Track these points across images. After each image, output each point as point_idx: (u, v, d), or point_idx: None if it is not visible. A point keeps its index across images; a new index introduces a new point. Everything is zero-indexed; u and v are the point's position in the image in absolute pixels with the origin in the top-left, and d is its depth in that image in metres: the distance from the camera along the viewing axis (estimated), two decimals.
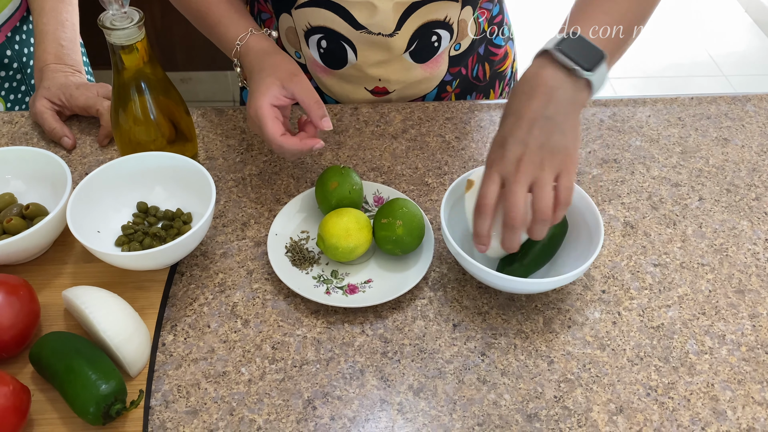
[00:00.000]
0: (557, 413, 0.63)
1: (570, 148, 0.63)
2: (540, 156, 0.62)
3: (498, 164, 0.63)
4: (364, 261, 0.75)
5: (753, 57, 2.88)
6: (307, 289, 0.71)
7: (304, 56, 0.94)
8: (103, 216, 0.75)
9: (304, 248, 0.75)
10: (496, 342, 0.68)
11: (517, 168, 0.62)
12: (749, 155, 0.89)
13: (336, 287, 0.72)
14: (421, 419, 0.62)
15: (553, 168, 0.62)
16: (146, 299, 0.70)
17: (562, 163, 0.63)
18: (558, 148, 0.62)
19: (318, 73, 0.95)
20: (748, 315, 0.71)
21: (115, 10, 0.70)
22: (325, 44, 0.89)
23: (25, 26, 1.02)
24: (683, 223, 0.80)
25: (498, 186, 0.63)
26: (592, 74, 0.63)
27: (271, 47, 0.79)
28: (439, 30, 0.88)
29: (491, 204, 0.63)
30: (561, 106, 0.63)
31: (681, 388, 0.65)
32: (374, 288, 0.72)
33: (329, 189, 0.75)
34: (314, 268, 0.74)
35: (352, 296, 0.71)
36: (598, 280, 0.74)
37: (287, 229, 0.77)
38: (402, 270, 0.73)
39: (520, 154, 0.62)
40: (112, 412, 0.58)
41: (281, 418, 0.62)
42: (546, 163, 0.62)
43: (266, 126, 0.72)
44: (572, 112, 0.64)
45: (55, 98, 0.88)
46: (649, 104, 0.97)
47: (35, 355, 0.62)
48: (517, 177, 0.62)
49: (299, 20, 0.88)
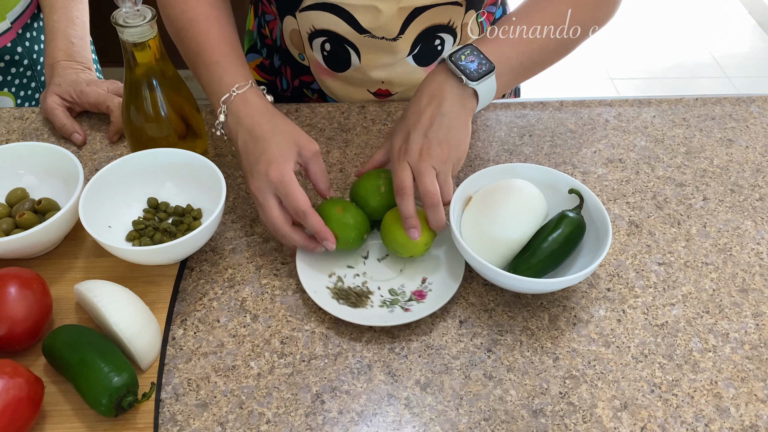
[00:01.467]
0: (562, 409, 0.63)
1: (464, 143, 0.72)
2: (440, 148, 0.70)
3: (405, 154, 0.71)
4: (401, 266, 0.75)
5: (756, 58, 2.89)
6: (379, 316, 0.69)
7: (308, 58, 0.95)
8: (115, 211, 0.75)
9: (354, 289, 0.72)
10: (502, 338, 0.69)
11: (421, 157, 0.70)
12: (753, 156, 0.90)
13: (394, 305, 0.71)
14: (428, 414, 0.63)
15: (451, 160, 0.71)
16: (157, 294, 0.71)
17: (459, 158, 0.72)
18: (456, 143, 0.71)
19: (321, 75, 0.96)
20: (751, 314, 0.72)
21: (128, 8, 0.71)
22: (329, 47, 0.90)
23: (35, 23, 1.03)
24: (687, 223, 0.81)
25: (410, 172, 0.70)
26: (477, 84, 0.71)
27: (273, 108, 0.74)
28: (443, 34, 0.89)
29: (409, 185, 0.70)
30: (454, 108, 0.72)
31: (685, 385, 0.65)
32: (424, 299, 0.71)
33: (336, 214, 0.72)
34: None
35: (407, 312, 0.70)
36: (603, 279, 0.75)
37: (320, 280, 0.73)
38: (435, 273, 0.74)
39: (423, 145, 0.70)
40: (124, 404, 0.59)
41: (290, 411, 0.63)
42: (445, 154, 0.70)
43: (296, 193, 0.68)
44: (463, 114, 0.72)
45: (65, 95, 0.89)
46: (654, 105, 0.98)
47: (48, 347, 0.63)
48: (424, 165, 0.69)
49: (303, 23, 0.89)
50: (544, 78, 2.73)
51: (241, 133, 0.72)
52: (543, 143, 0.91)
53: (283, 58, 1.00)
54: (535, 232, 0.71)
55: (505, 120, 0.95)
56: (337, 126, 0.93)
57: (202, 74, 0.76)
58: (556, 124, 0.94)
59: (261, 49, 1.03)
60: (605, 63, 2.82)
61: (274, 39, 0.99)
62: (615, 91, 2.69)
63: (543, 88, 2.67)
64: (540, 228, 0.72)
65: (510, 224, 0.70)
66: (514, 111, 0.96)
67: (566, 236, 0.71)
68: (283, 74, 1.02)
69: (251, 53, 1.05)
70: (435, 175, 0.69)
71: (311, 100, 1.03)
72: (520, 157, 0.89)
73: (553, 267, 0.71)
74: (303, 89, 1.02)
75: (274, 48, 1.00)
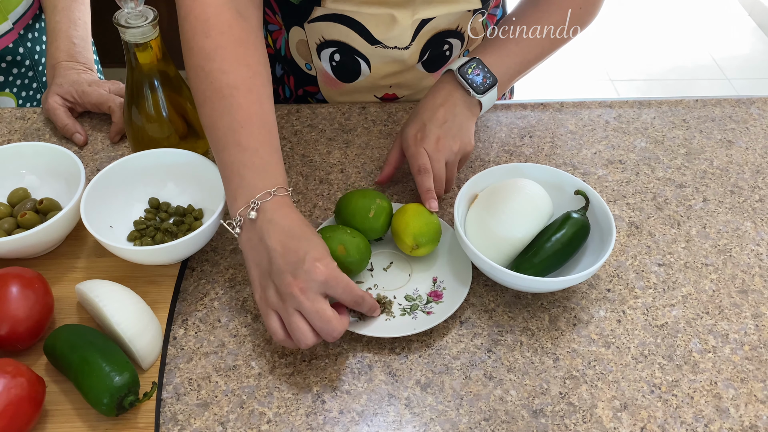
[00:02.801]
0: (562, 409, 0.64)
1: (472, 142, 0.80)
2: (453, 142, 0.77)
3: (422, 141, 0.77)
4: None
5: (756, 60, 2.89)
6: (406, 325, 0.68)
7: (315, 68, 0.94)
8: (116, 211, 0.76)
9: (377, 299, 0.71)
10: (503, 339, 0.69)
11: (437, 146, 0.76)
12: (753, 157, 0.90)
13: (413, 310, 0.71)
14: (428, 414, 0.63)
15: (460, 154, 0.78)
16: (158, 293, 0.71)
17: (466, 155, 0.80)
18: (467, 140, 0.79)
19: (327, 86, 0.95)
20: (751, 315, 0.72)
21: (130, 8, 0.71)
22: (338, 57, 0.89)
23: (37, 24, 1.03)
24: (687, 224, 0.81)
25: (427, 156, 0.76)
26: (482, 97, 0.79)
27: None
28: (451, 39, 0.89)
29: (429, 167, 0.76)
30: (464, 111, 0.79)
31: (684, 386, 0.66)
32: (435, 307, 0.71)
33: (341, 256, 0.70)
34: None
35: (431, 315, 0.69)
36: (603, 279, 0.75)
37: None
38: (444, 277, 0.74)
39: (439, 135, 0.77)
40: (126, 404, 0.59)
41: (291, 411, 0.63)
42: (456, 148, 0.78)
43: (350, 282, 0.62)
44: (471, 118, 0.80)
45: (67, 95, 0.89)
46: (654, 106, 0.98)
47: (49, 347, 0.63)
48: (438, 154, 0.76)
49: (312, 34, 0.88)
50: (545, 79, 2.74)
51: (275, 233, 0.62)
52: (543, 144, 0.91)
53: (286, 68, 0.99)
54: (539, 231, 0.72)
55: (505, 121, 0.95)
56: (337, 127, 0.93)
57: (231, 160, 0.66)
58: (556, 125, 0.94)
59: None
60: (606, 65, 2.82)
61: (278, 48, 0.98)
62: (615, 92, 2.69)
63: (543, 89, 2.68)
64: (544, 228, 0.72)
65: (514, 223, 0.71)
66: (515, 112, 0.96)
67: (570, 237, 0.71)
68: (286, 83, 1.02)
69: None
70: (445, 164, 0.77)
71: None
72: (520, 158, 0.89)
73: (556, 267, 0.71)
74: (307, 98, 1.02)
75: (276, 57, 0.99)
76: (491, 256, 0.70)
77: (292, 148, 0.90)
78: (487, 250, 0.70)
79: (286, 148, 0.90)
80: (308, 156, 0.89)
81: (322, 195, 0.84)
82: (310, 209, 0.82)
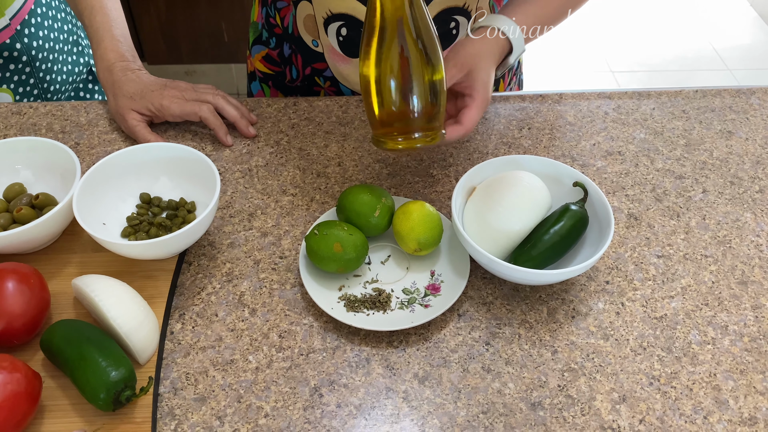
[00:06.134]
0: (561, 402, 0.63)
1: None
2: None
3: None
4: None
5: (757, 51, 2.88)
6: (404, 318, 0.68)
7: (322, 44, 0.94)
8: (110, 206, 0.75)
9: (370, 296, 0.71)
10: (501, 332, 0.69)
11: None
12: (753, 148, 0.90)
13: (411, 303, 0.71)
14: (426, 407, 0.63)
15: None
16: (155, 288, 0.71)
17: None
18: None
19: (335, 62, 0.95)
20: (750, 306, 0.71)
21: None
22: (345, 32, 0.89)
23: (33, 19, 1.03)
24: (687, 215, 0.81)
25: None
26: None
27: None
28: (458, 16, 0.89)
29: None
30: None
31: (684, 378, 0.65)
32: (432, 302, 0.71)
33: (337, 253, 0.70)
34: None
35: (429, 309, 0.69)
36: (602, 271, 0.74)
37: (330, 296, 0.71)
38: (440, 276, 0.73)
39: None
40: (122, 399, 0.59)
41: (288, 405, 0.63)
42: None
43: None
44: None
45: (143, 109, 0.88)
46: (653, 97, 0.98)
47: (46, 342, 0.63)
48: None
49: (320, 7, 0.89)
50: (544, 71, 2.73)
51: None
52: (542, 136, 0.91)
53: (294, 47, 0.99)
54: (537, 223, 0.71)
55: (503, 113, 0.94)
56: (335, 120, 0.93)
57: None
58: (555, 116, 0.94)
59: (269, 39, 1.02)
60: (606, 56, 2.81)
61: (285, 26, 0.98)
62: (616, 84, 2.68)
63: (543, 80, 2.67)
64: (542, 220, 0.72)
65: (512, 215, 0.70)
66: (513, 104, 0.96)
67: (568, 229, 0.70)
68: (294, 63, 1.01)
69: (256, 45, 1.05)
70: None
71: (322, 88, 1.02)
72: (519, 150, 0.88)
73: (554, 259, 0.71)
74: (315, 77, 1.01)
75: (284, 36, 0.99)
76: (489, 249, 0.69)
77: (289, 142, 0.90)
78: (485, 243, 0.70)
79: (283, 141, 0.90)
80: (305, 149, 0.89)
81: (320, 188, 0.83)
82: (307, 203, 0.81)
